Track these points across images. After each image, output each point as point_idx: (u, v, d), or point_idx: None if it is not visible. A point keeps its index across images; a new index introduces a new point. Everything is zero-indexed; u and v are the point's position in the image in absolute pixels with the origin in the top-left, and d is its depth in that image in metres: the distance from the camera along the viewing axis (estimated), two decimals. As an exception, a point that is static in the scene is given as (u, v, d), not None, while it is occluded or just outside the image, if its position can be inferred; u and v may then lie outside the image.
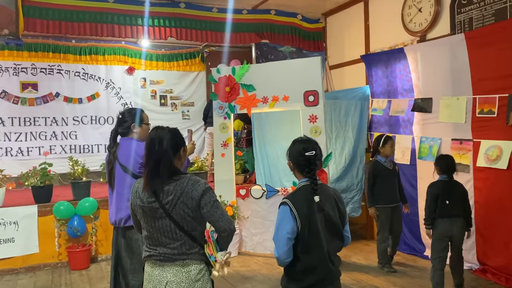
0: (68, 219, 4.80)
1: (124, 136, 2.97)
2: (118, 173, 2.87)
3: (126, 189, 2.80)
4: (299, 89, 4.64)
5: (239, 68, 4.93)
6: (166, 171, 1.92)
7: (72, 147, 7.32)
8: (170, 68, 8.16)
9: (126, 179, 2.84)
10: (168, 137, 1.98)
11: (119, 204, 2.85)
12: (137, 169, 2.80)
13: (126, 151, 2.85)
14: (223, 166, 5.04)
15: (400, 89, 5.19)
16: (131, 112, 2.96)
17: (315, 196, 1.99)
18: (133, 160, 2.80)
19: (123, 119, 2.95)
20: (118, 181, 2.89)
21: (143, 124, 2.96)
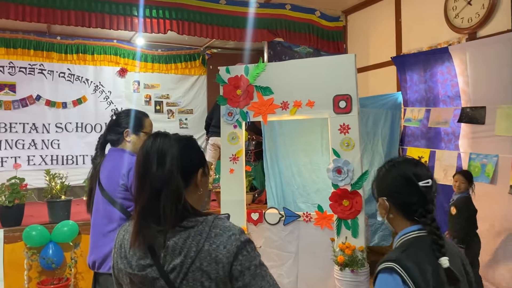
0: (42, 247, 3.97)
1: (115, 145, 2.26)
2: (96, 196, 2.18)
3: (102, 220, 2.13)
4: (327, 92, 3.87)
5: (253, 67, 4.16)
6: (171, 211, 1.16)
7: (54, 157, 6.49)
8: (167, 70, 7.40)
9: (101, 206, 2.14)
10: (175, 151, 1.20)
11: (94, 240, 2.17)
12: (116, 193, 2.08)
13: (111, 167, 2.14)
14: (231, 184, 4.24)
15: (443, 96, 4.45)
16: (128, 114, 2.26)
17: (442, 258, 1.20)
18: (112, 178, 2.10)
19: (117, 122, 2.26)
20: (95, 208, 2.20)
21: (141, 133, 2.23)
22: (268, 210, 4.29)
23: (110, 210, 2.10)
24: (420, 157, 4.69)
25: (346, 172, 3.78)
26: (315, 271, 3.97)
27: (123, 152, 2.21)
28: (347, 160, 3.78)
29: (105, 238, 2.10)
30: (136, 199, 1.19)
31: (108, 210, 2.11)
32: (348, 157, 3.79)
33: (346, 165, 3.78)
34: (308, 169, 5.02)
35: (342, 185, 3.80)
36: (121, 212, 2.06)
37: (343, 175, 3.79)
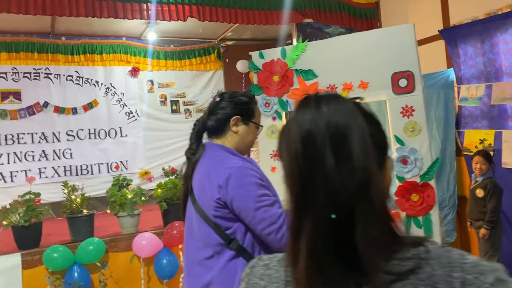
0: (65, 271, 3.48)
1: (215, 136, 1.71)
2: (189, 207, 1.70)
3: (196, 242, 1.62)
4: (383, 70, 3.33)
5: (291, 49, 3.63)
6: (378, 243, 0.62)
7: (67, 168, 6.01)
8: (181, 67, 6.89)
9: (195, 224, 1.63)
10: (362, 126, 0.68)
11: (188, 265, 1.69)
12: (211, 210, 1.56)
13: (204, 173, 1.61)
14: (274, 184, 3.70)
15: (508, 69, 3.91)
16: (235, 97, 1.71)
17: None
18: (205, 190, 1.59)
19: (223, 105, 1.69)
20: (188, 223, 1.70)
21: (251, 123, 1.72)
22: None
23: (205, 230, 1.57)
24: (483, 140, 4.16)
25: (414, 161, 3.24)
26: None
27: (221, 150, 1.65)
28: (413, 148, 3.25)
29: (200, 267, 1.59)
30: (294, 224, 0.67)
31: (203, 231, 1.57)
32: (415, 144, 3.26)
33: (412, 154, 3.25)
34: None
35: (409, 177, 3.26)
36: (218, 235, 1.55)
37: (410, 165, 3.26)
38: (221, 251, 1.53)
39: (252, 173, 1.55)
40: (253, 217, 1.49)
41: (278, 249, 1.54)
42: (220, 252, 1.53)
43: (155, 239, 3.77)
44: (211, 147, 1.67)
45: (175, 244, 3.80)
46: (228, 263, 1.52)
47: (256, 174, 1.56)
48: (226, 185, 1.50)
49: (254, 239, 1.54)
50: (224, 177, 1.51)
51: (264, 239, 1.52)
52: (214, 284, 1.53)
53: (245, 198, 1.49)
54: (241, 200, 1.49)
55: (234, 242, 1.52)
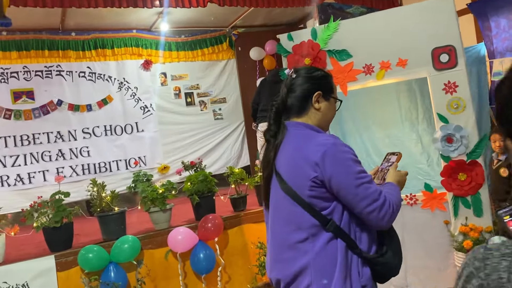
0: (101, 271, 3.37)
1: (294, 115, 1.60)
2: (274, 189, 1.57)
3: (285, 226, 1.51)
4: (423, 46, 3.21)
5: (323, 29, 3.50)
6: None
7: (85, 167, 5.89)
8: (193, 58, 6.74)
9: (284, 206, 1.52)
10: None
11: (276, 251, 1.56)
12: (305, 190, 1.45)
13: (292, 152, 1.51)
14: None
15: (546, 39, 3.75)
16: (312, 73, 1.63)
17: None
18: (297, 168, 1.48)
19: (297, 82, 1.60)
20: (273, 206, 1.59)
21: (331, 98, 1.62)
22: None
23: (296, 212, 1.47)
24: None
25: (459, 139, 3.13)
26: (428, 263, 3.34)
27: (306, 128, 1.54)
28: (458, 125, 3.13)
29: (292, 251, 1.49)
30: None
31: (294, 213, 1.47)
32: (459, 121, 3.14)
33: (458, 131, 3.13)
34: (386, 144, 4.36)
35: (456, 155, 3.15)
36: (313, 217, 1.45)
37: (456, 143, 3.14)
38: (316, 233, 1.44)
39: (347, 149, 1.46)
40: (355, 195, 1.40)
41: (378, 227, 1.46)
42: (315, 234, 1.44)
43: (190, 233, 3.66)
44: (294, 126, 1.57)
45: (211, 238, 3.70)
46: (326, 246, 1.43)
47: (351, 150, 1.47)
48: (323, 163, 1.41)
49: (351, 218, 1.45)
50: (319, 154, 1.42)
51: (365, 218, 1.43)
52: (311, 268, 1.43)
53: (344, 175, 1.40)
54: (341, 177, 1.40)
55: (331, 224, 1.43)
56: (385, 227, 1.44)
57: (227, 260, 3.75)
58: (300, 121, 1.58)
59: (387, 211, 1.41)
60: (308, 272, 1.44)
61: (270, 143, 1.60)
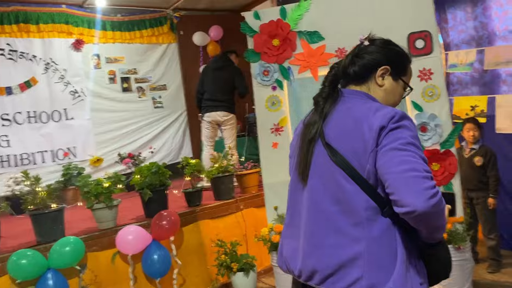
0: (37, 279, 2.86)
1: (353, 83, 1.44)
2: (319, 163, 1.35)
3: (332, 204, 1.29)
4: (398, 31, 3.08)
5: (293, 8, 3.26)
6: None
7: (4, 158, 5.15)
8: (130, 40, 6.21)
9: (330, 180, 1.31)
10: None
11: (315, 235, 1.32)
12: (364, 161, 1.26)
13: (354, 121, 1.30)
14: (276, 162, 3.36)
15: (503, 32, 3.87)
16: (389, 45, 1.46)
17: None
18: (357, 136, 1.27)
19: (368, 49, 1.43)
20: (318, 182, 1.35)
21: (400, 80, 1.42)
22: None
23: (350, 190, 1.25)
24: (474, 106, 4.12)
25: (434, 128, 3.07)
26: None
27: (367, 98, 1.37)
28: (433, 114, 3.07)
29: (339, 237, 1.26)
30: None
31: (347, 190, 1.25)
32: (434, 109, 3.08)
33: (432, 120, 3.07)
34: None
35: (430, 145, 3.09)
36: (370, 198, 1.24)
37: (430, 132, 3.07)
38: (372, 217, 1.23)
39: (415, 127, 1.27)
40: (398, 160, 1.20)
41: (410, 205, 1.13)
42: (371, 218, 1.22)
43: (142, 232, 3.26)
44: (352, 93, 1.40)
45: (166, 237, 3.33)
46: (384, 234, 1.22)
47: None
48: (386, 128, 1.23)
49: None
50: (388, 116, 1.23)
51: (400, 185, 1.19)
52: (364, 258, 1.21)
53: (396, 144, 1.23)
54: (392, 144, 1.22)
55: (388, 209, 1.22)
56: (420, 208, 1.11)
57: (182, 261, 3.39)
58: (362, 90, 1.40)
59: (435, 195, 1.13)
60: (359, 263, 1.21)
61: (319, 105, 1.40)
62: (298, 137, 1.48)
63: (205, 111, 4.98)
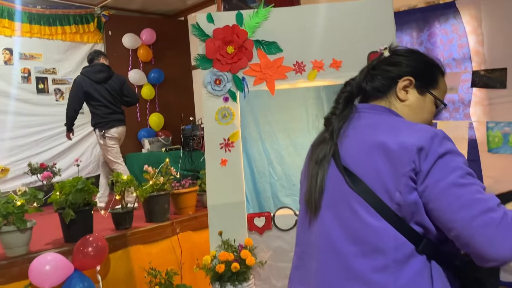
0: None
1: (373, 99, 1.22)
2: (334, 192, 1.12)
3: (348, 242, 1.05)
4: (359, 49, 2.97)
5: (251, 15, 3.01)
6: None
7: None
8: (50, 35, 5.55)
9: (348, 211, 1.07)
10: None
11: (327, 284, 1.07)
12: (393, 190, 1.01)
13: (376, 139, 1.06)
14: (224, 182, 3.05)
15: (446, 59, 3.96)
16: (414, 53, 1.22)
17: None
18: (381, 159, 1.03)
19: (393, 61, 1.21)
20: (331, 215, 1.11)
21: (428, 94, 1.18)
22: (279, 211, 3.21)
23: (375, 226, 1.01)
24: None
25: (391, 152, 2.95)
26: (352, 285, 3.07)
27: (390, 114, 1.14)
28: (391, 137, 2.95)
29: (356, 284, 1.01)
30: None
31: (370, 226, 1.01)
32: (392, 132, 2.96)
33: (389, 143, 2.95)
34: (291, 153, 4.06)
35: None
36: (401, 233, 1.00)
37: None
38: (403, 258, 0.99)
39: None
40: (456, 199, 0.98)
41: (489, 256, 0.92)
42: (401, 260, 0.99)
43: (62, 261, 2.74)
44: (372, 108, 1.17)
45: (91, 266, 2.84)
46: (418, 278, 0.99)
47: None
48: (426, 152, 0.99)
49: None
50: (427, 136, 0.99)
51: (469, 238, 0.94)
52: None
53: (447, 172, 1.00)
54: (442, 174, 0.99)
55: (426, 243, 0.99)
56: (502, 256, 0.91)
57: (109, 294, 2.92)
58: (382, 104, 1.17)
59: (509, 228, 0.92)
60: None
61: (330, 123, 1.19)
62: (307, 161, 1.22)
63: (110, 126, 4.46)
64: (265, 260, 3.17)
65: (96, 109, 4.43)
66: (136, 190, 3.32)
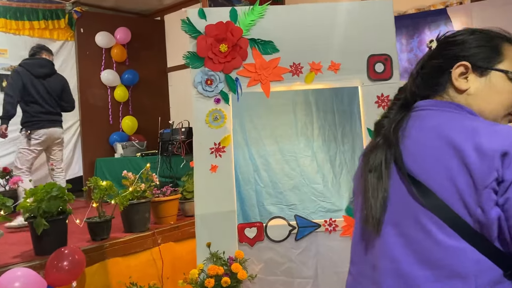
0: None
1: (431, 97, 1.04)
2: (395, 203, 0.95)
3: (426, 271, 0.87)
4: (358, 51, 2.86)
5: (246, 12, 2.84)
6: None
7: None
8: (17, 30, 5.20)
9: (427, 238, 0.88)
10: None
11: None
12: (473, 202, 0.83)
13: (445, 142, 0.87)
14: (215, 190, 2.86)
15: (436, 67, 3.90)
16: (458, 36, 1.03)
17: None
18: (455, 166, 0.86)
19: (443, 49, 1.04)
20: (395, 233, 0.94)
21: (493, 70, 0.98)
22: (271, 221, 3.02)
23: (450, 247, 0.85)
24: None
25: (390, 159, 2.83)
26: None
27: (459, 108, 0.97)
28: (389, 144, 2.84)
29: None
30: None
31: (445, 247, 0.86)
32: (391, 139, 2.85)
33: (388, 150, 2.84)
34: (279, 160, 3.89)
35: (384, 177, 2.83)
36: (484, 255, 0.84)
37: (386, 164, 2.83)
38: (488, 285, 0.84)
39: None
40: None
41: None
42: (486, 285, 0.83)
43: (34, 276, 2.45)
44: (435, 105, 1.00)
45: (66, 282, 2.56)
46: None
47: None
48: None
49: None
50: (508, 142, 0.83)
51: None
52: None
53: None
54: None
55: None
56: None
57: (85, 313, 2.65)
58: (446, 99, 1.01)
59: None
60: None
61: (382, 127, 1.04)
62: (359, 173, 1.06)
63: (39, 127, 4.10)
64: (256, 274, 2.98)
65: (28, 106, 4.06)
66: (115, 197, 3.05)
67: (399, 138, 0.98)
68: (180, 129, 4.35)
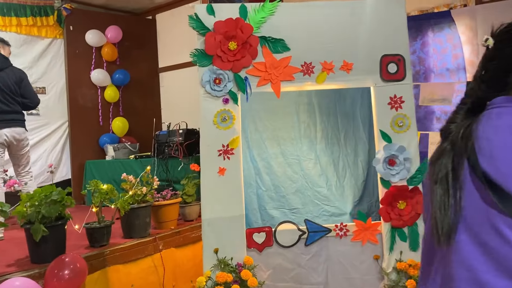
0: None
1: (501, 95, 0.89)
2: (470, 209, 0.86)
3: (504, 281, 0.79)
4: (371, 51, 2.80)
5: (256, 8, 2.74)
6: None
7: None
8: (4, 27, 5.02)
9: (488, 233, 0.82)
10: None
11: None
12: None
13: None
14: (222, 193, 2.74)
15: (440, 69, 3.89)
16: None
17: None
18: None
19: (501, 46, 0.91)
20: (472, 241, 0.85)
21: None
22: (280, 225, 2.92)
23: None
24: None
25: (403, 162, 2.79)
26: (356, 304, 2.86)
27: None
28: (402, 146, 2.80)
29: None
30: None
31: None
32: (403, 141, 2.81)
33: (401, 153, 2.79)
34: (281, 163, 3.79)
35: (396, 180, 2.79)
36: None
37: (398, 166, 2.79)
38: None
39: None
40: None
41: None
42: None
43: (33, 286, 2.29)
44: (502, 102, 0.91)
45: (67, 292, 2.39)
46: None
47: None
48: None
49: None
50: None
51: None
52: None
53: None
54: None
55: None
56: None
57: (86, 324, 2.50)
58: None
59: None
60: None
61: (451, 132, 0.95)
62: (427, 182, 0.98)
63: (3, 126, 3.73)
64: (264, 280, 2.87)
65: None
66: (116, 201, 2.90)
67: (471, 142, 0.89)
68: (177, 130, 4.21)
